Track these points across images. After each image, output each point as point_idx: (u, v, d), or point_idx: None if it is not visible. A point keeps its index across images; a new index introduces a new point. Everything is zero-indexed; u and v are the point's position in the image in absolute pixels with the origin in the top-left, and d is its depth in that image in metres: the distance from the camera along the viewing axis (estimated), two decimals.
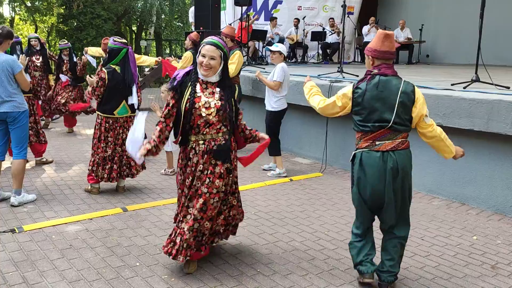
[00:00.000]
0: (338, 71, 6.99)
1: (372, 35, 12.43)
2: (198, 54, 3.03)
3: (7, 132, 4.47)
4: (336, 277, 3.23)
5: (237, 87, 3.68)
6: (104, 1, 20.00)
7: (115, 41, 4.67)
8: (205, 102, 3.02)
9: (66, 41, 8.57)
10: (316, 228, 4.13)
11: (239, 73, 6.67)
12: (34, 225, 3.97)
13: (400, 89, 2.85)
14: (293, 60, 12.09)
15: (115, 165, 4.79)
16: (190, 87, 3.02)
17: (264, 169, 5.99)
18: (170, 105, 3.06)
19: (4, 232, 3.79)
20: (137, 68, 5.99)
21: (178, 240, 3.10)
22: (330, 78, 6.52)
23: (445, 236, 4.01)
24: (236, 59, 6.16)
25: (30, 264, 3.26)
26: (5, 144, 4.54)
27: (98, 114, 4.76)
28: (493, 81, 5.23)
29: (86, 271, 3.19)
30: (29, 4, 25.23)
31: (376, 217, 3.06)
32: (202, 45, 3.02)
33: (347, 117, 5.85)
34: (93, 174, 4.78)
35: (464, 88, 5.14)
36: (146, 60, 7.11)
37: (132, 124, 4.82)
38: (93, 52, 8.11)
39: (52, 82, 8.53)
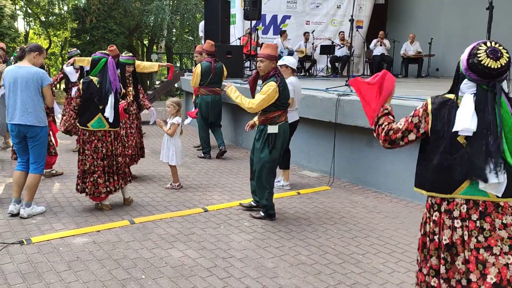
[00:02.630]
0: (346, 85, 7.00)
1: (380, 49, 12.49)
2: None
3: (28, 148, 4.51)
4: None
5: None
6: (116, 16, 20.38)
7: (97, 53, 4.72)
8: None
9: (75, 48, 8.52)
10: (322, 242, 4.11)
11: (219, 84, 7.56)
12: (42, 237, 4.01)
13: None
14: (302, 74, 12.16)
15: (99, 179, 4.62)
16: None
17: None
18: None
19: (12, 243, 3.83)
20: (138, 81, 6.04)
21: None
22: (338, 91, 6.53)
23: None
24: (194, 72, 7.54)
25: (37, 276, 3.29)
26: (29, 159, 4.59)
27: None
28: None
29: (92, 284, 3.21)
30: (43, 18, 25.78)
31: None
32: None
33: (355, 131, 5.86)
34: (78, 187, 4.72)
35: None
36: (149, 66, 7.07)
37: (112, 139, 4.70)
38: (83, 63, 7.38)
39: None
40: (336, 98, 5.93)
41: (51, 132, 6.19)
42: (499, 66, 2.04)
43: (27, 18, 26.65)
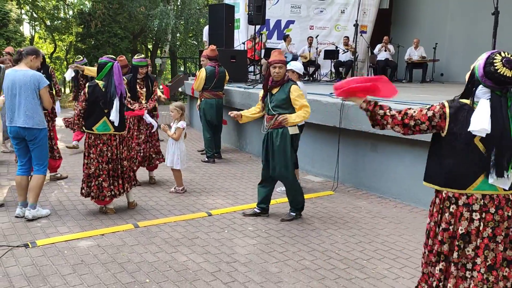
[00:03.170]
0: None
1: (384, 54, 12.49)
2: None
3: (29, 149, 4.55)
4: None
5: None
6: (121, 21, 20.52)
7: (104, 57, 4.76)
8: None
9: (82, 58, 8.59)
10: (326, 247, 4.10)
11: (221, 88, 7.69)
12: (47, 240, 4.02)
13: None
14: (306, 78, 12.18)
15: (104, 183, 4.64)
16: None
17: (277, 191, 5.89)
18: None
19: (17, 246, 3.85)
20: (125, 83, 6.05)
21: None
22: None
23: None
24: (197, 76, 7.61)
25: (42, 279, 3.30)
26: (30, 160, 4.61)
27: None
28: None
29: (96, 287, 3.21)
30: (48, 23, 25.95)
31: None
32: None
33: (359, 136, 5.85)
34: (82, 191, 4.73)
35: None
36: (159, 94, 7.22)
37: (117, 142, 4.74)
38: (92, 72, 7.24)
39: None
40: (340, 103, 5.93)
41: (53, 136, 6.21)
42: None
43: (33, 22, 26.84)
